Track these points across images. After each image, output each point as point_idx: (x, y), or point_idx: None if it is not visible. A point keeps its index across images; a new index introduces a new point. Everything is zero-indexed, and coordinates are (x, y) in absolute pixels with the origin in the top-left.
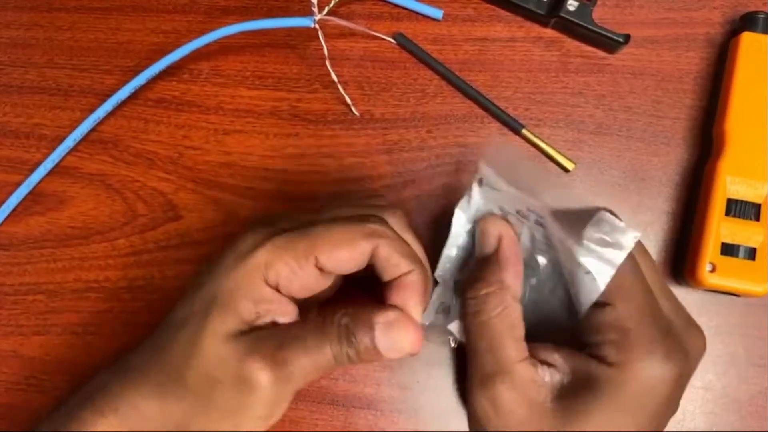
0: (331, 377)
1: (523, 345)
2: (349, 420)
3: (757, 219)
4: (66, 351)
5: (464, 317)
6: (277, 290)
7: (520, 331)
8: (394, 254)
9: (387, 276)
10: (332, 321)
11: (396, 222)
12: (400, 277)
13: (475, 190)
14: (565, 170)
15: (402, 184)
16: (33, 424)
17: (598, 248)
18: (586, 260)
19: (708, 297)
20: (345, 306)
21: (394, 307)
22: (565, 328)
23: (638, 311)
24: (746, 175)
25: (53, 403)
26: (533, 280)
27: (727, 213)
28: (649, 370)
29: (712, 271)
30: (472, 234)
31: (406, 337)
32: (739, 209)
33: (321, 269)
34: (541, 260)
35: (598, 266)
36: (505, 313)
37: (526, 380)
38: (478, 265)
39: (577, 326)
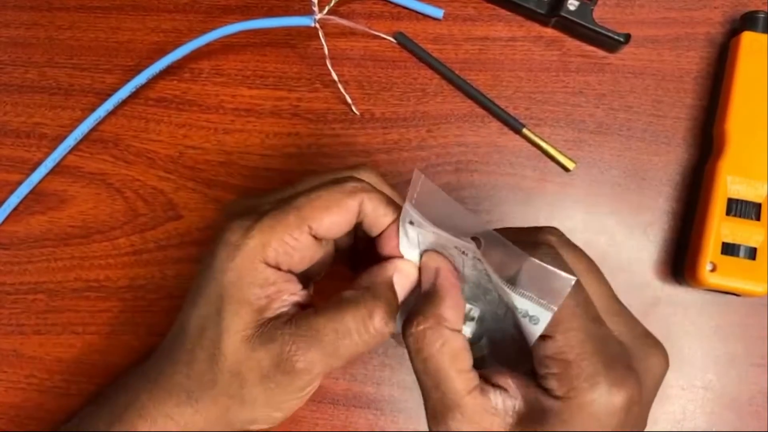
0: (332, 377)
1: (471, 374)
2: (349, 419)
3: (758, 219)
4: (66, 350)
5: (408, 354)
6: (279, 269)
7: (465, 361)
8: (379, 205)
9: (377, 230)
10: (354, 291)
11: (370, 177)
12: (389, 226)
13: (409, 228)
14: (566, 170)
15: (402, 184)
16: (36, 424)
17: (534, 296)
18: (523, 305)
19: (708, 297)
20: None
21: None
22: (526, 350)
23: (579, 342)
24: (747, 174)
25: (54, 403)
26: (485, 304)
27: (728, 213)
28: (593, 402)
29: (713, 270)
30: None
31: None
32: (740, 209)
33: (315, 237)
34: (490, 287)
35: (536, 310)
36: (446, 346)
37: (478, 411)
38: (418, 300)
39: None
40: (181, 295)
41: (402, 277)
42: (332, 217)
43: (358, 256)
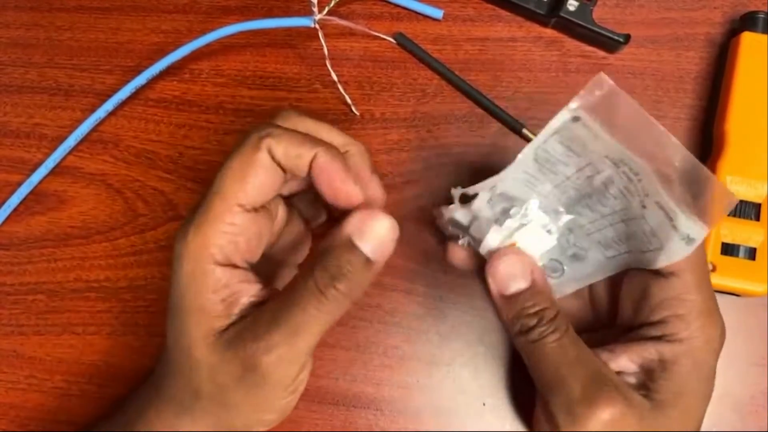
0: (331, 377)
1: (607, 367)
2: (349, 420)
3: (757, 219)
4: (66, 350)
5: (529, 349)
6: (234, 266)
7: (593, 353)
8: (289, 146)
9: (300, 172)
10: (309, 270)
11: (285, 118)
12: (311, 167)
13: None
14: None
15: (402, 184)
16: (36, 424)
17: (698, 217)
18: (687, 227)
19: None
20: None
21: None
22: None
23: (703, 280)
24: (746, 174)
25: (54, 404)
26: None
27: (727, 213)
28: (710, 338)
29: (713, 270)
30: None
31: (375, 224)
32: (739, 209)
33: (250, 210)
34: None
35: (696, 231)
36: (570, 328)
37: (623, 388)
38: (520, 301)
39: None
40: None
41: (365, 233)
42: (251, 181)
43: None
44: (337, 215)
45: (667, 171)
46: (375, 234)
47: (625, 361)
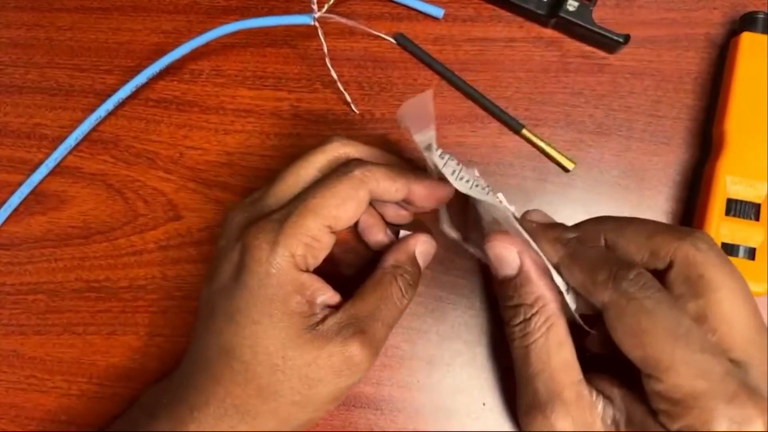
0: None
1: (576, 365)
2: (349, 419)
3: (757, 219)
4: (66, 350)
5: (510, 344)
6: (308, 271)
7: (570, 349)
8: (386, 183)
9: (394, 200)
10: (393, 277)
11: (360, 152)
12: (408, 194)
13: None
14: (565, 170)
15: None
16: (37, 424)
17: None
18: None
19: None
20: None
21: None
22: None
23: (689, 380)
24: (746, 174)
25: (54, 403)
26: None
27: (727, 213)
28: None
29: None
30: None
31: (428, 245)
32: (739, 209)
33: (333, 232)
34: None
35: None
36: (551, 331)
37: (581, 407)
38: (505, 289)
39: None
40: (182, 295)
41: (423, 251)
42: (348, 211)
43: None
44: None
45: None
46: (428, 254)
47: (617, 395)
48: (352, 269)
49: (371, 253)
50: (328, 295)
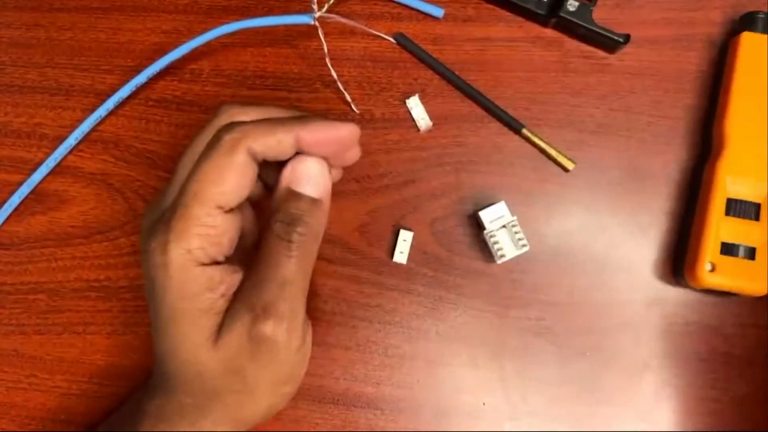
0: (332, 376)
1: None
2: (349, 419)
3: (757, 219)
4: (67, 350)
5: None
6: (218, 262)
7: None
8: (266, 138)
9: (284, 156)
10: (268, 231)
11: (233, 112)
12: (299, 145)
13: None
14: (565, 170)
15: (402, 184)
16: (37, 423)
17: None
18: None
19: (708, 297)
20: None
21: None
22: None
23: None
24: (746, 174)
25: (54, 403)
26: None
27: (727, 213)
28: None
29: (712, 270)
30: None
31: (305, 167)
32: (739, 209)
33: (227, 211)
34: None
35: None
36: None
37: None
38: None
39: None
40: None
41: (300, 174)
42: (231, 183)
43: None
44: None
45: None
46: (308, 174)
47: None
48: None
49: None
50: (237, 280)
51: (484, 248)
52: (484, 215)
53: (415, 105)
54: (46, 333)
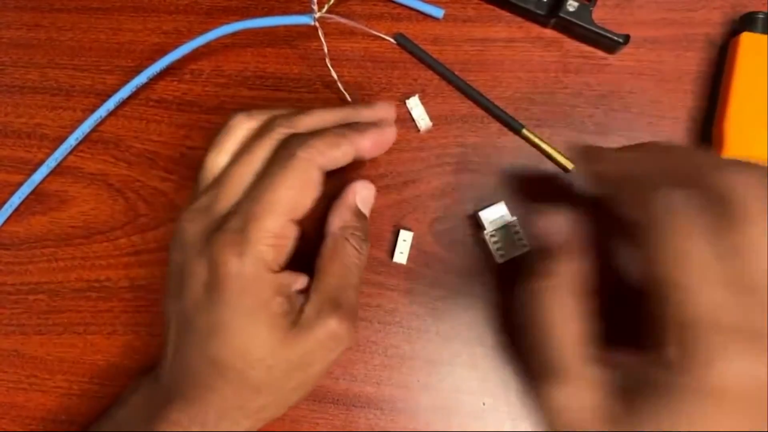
0: (332, 376)
1: (584, 341)
2: (349, 419)
3: None
4: (67, 350)
5: (523, 309)
6: (282, 269)
7: (581, 325)
8: (335, 152)
9: (344, 164)
10: (343, 239)
11: (293, 121)
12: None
13: None
14: (565, 170)
15: (402, 184)
16: (38, 423)
17: None
18: None
19: None
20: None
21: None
22: None
23: (697, 312)
24: None
25: (55, 403)
26: None
27: None
28: (714, 378)
29: None
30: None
31: (368, 191)
32: None
33: (297, 222)
34: None
35: None
36: (565, 304)
37: (582, 381)
38: (538, 259)
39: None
40: None
41: (363, 198)
42: (306, 198)
43: None
44: None
45: None
46: (370, 200)
47: (620, 359)
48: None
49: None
50: (298, 282)
51: (484, 248)
52: (484, 215)
53: (415, 105)
54: (47, 333)
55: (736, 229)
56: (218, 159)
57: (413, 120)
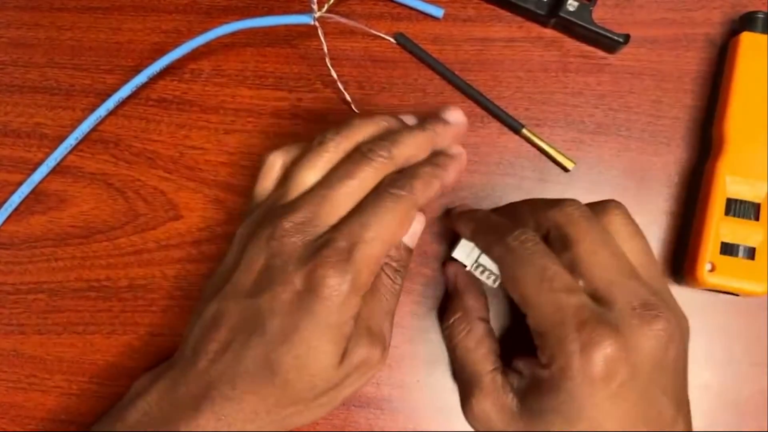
0: None
1: (492, 357)
2: (349, 419)
3: (757, 218)
4: (67, 350)
5: (446, 345)
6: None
7: (487, 345)
8: (430, 191)
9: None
10: (394, 272)
11: (389, 152)
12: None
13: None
14: (565, 170)
15: None
16: (37, 423)
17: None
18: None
19: (708, 297)
20: None
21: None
22: None
23: (546, 314)
24: (746, 174)
25: (54, 403)
26: None
27: (727, 212)
28: (568, 366)
29: (712, 270)
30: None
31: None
32: (739, 209)
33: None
34: None
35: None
36: (471, 333)
37: (494, 388)
38: (448, 302)
39: None
40: (182, 295)
41: (413, 233)
42: (403, 232)
43: None
44: None
45: None
46: (418, 233)
47: (521, 365)
48: None
49: None
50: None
51: None
52: (458, 255)
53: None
54: (46, 333)
55: (570, 249)
56: (310, 175)
57: None
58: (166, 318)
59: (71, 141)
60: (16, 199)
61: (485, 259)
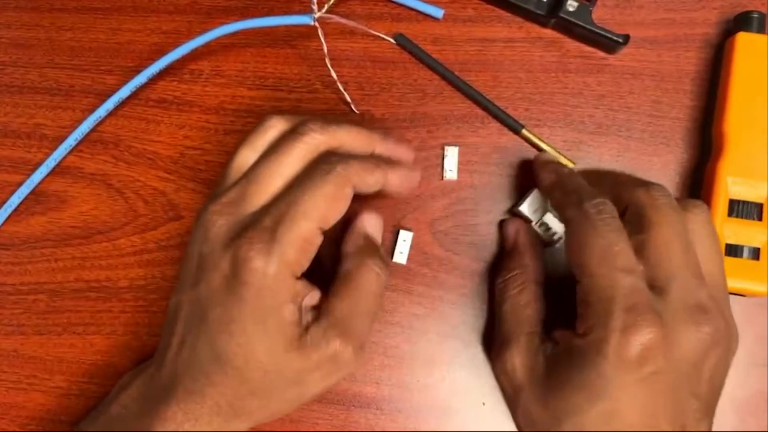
0: None
1: (535, 320)
2: (349, 419)
3: (760, 219)
4: (67, 350)
5: (495, 295)
6: (301, 277)
7: (535, 307)
8: (366, 176)
9: (371, 191)
10: (366, 265)
11: (324, 130)
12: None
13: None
14: None
15: None
16: (37, 423)
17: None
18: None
19: None
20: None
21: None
22: None
23: (600, 288)
24: (747, 175)
25: (54, 403)
26: None
27: (730, 214)
28: (604, 340)
29: None
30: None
31: (379, 222)
32: (742, 210)
33: (323, 232)
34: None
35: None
36: (524, 291)
37: (528, 348)
38: (504, 258)
39: None
40: None
41: (372, 225)
42: (337, 211)
43: None
44: None
45: None
46: (376, 226)
47: (558, 335)
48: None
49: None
50: (311, 295)
51: (483, 248)
52: (525, 209)
53: (452, 155)
54: (46, 333)
55: (645, 233)
56: (249, 155)
57: (443, 167)
58: (166, 318)
59: (71, 141)
60: (15, 200)
61: (550, 218)
